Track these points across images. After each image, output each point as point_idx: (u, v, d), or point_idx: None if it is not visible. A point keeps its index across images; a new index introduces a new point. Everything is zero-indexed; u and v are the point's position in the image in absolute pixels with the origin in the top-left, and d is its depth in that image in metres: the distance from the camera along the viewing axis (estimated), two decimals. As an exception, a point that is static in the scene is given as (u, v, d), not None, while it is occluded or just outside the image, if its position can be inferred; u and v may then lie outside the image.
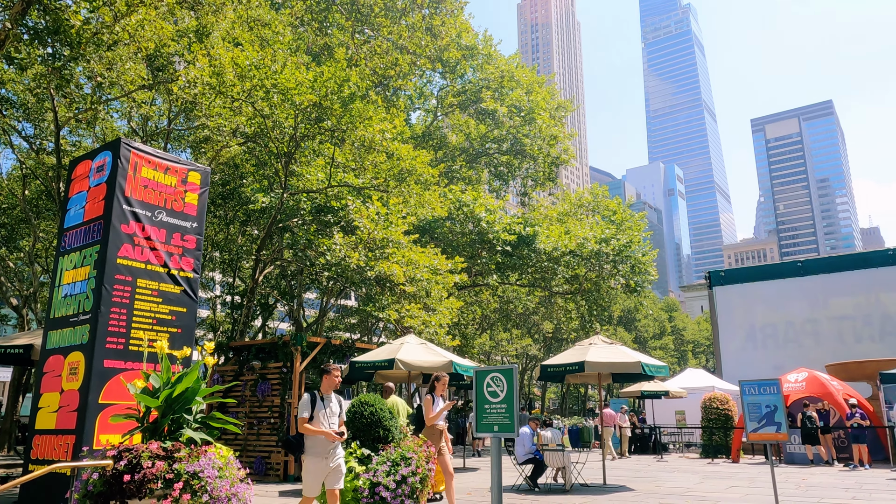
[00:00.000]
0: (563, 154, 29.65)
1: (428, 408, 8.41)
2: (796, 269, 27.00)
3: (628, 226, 27.31)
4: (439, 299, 17.34)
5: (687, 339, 74.26)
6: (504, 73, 27.75)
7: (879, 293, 24.70)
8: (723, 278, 28.06)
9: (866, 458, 16.09)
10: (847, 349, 23.77)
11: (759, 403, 6.78)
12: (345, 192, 17.21)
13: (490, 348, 43.51)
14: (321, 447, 6.16)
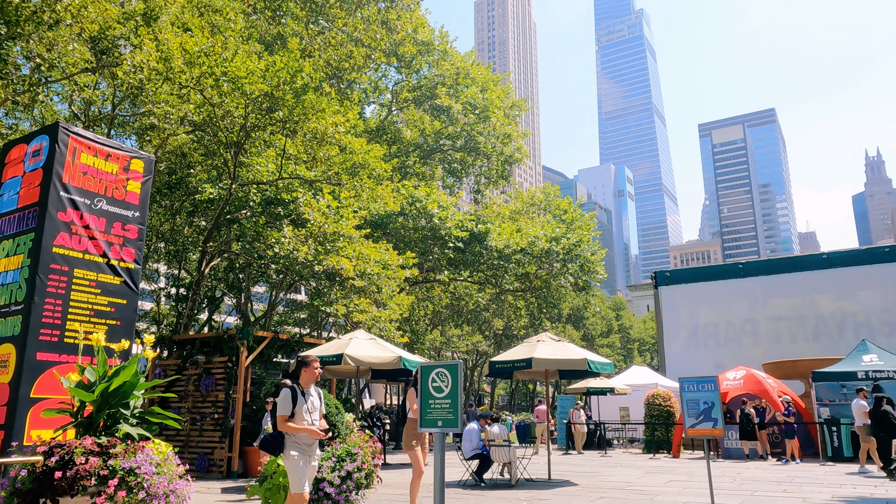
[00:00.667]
0: (517, 153, 29.92)
1: (412, 401, 8.24)
2: (737, 270, 27.91)
3: (578, 225, 27.76)
4: (390, 295, 17.28)
5: (633, 337, 75.97)
6: (460, 70, 27.81)
7: (814, 295, 25.75)
8: (668, 278, 28.80)
9: (797, 452, 16.79)
10: (783, 348, 24.72)
11: (697, 400, 6.99)
12: (296, 184, 16.96)
13: (441, 344, 43.60)
14: (304, 445, 5.75)
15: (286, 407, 5.66)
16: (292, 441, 5.69)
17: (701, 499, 9.61)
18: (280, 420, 5.65)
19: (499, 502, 9.74)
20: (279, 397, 5.71)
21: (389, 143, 27.53)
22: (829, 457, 16.70)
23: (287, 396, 5.70)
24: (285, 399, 5.68)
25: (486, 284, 27.73)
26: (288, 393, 5.72)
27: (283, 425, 5.63)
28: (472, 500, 10.03)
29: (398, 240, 22.79)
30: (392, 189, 20.52)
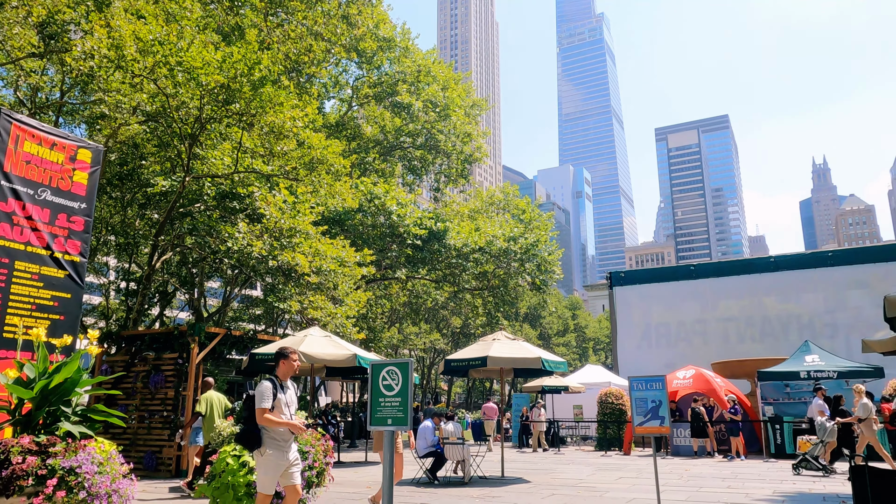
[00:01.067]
0: (477, 152, 30.03)
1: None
2: (689, 272, 28.57)
3: (536, 225, 28.05)
4: (346, 291, 17.16)
5: (588, 336, 77.14)
6: (421, 68, 27.77)
7: (762, 297, 26.53)
8: (623, 279, 29.30)
9: (742, 449, 17.30)
10: (731, 348, 25.40)
11: (645, 398, 7.14)
12: (252, 178, 16.68)
13: (398, 342, 43.50)
14: (283, 440, 5.56)
15: (267, 399, 5.44)
16: (269, 437, 5.47)
17: (649, 495, 9.82)
18: (260, 413, 5.40)
19: (451, 500, 9.77)
20: (259, 389, 5.48)
21: (349, 139, 27.32)
22: (773, 453, 17.25)
23: (268, 389, 5.49)
24: (266, 391, 5.47)
25: (444, 283, 27.79)
26: (269, 385, 5.53)
27: (263, 418, 5.40)
28: (426, 497, 10.04)
29: (356, 237, 22.65)
30: (351, 185, 20.36)
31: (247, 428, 5.51)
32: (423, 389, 53.35)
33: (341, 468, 14.70)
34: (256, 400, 5.45)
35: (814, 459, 13.13)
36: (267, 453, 5.42)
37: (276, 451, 5.48)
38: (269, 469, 5.46)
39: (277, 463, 5.47)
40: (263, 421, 5.39)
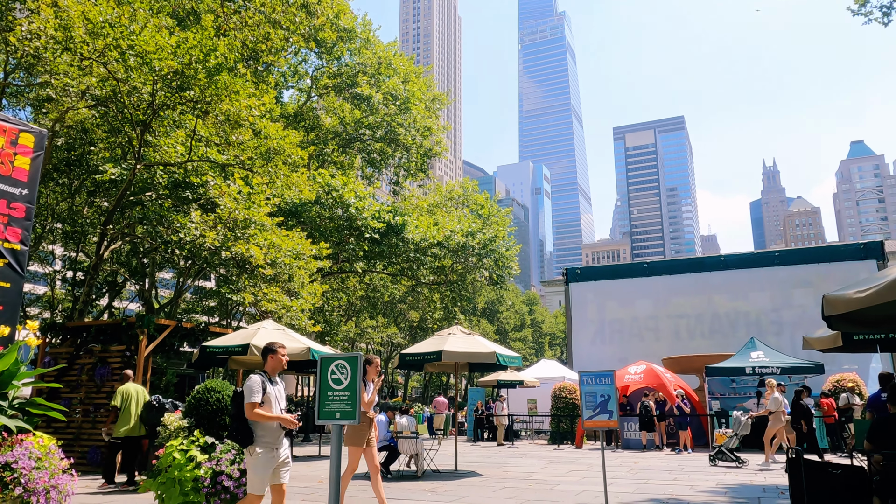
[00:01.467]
0: (437, 146, 29.99)
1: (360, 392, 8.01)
2: (643, 269, 29.13)
3: (495, 221, 28.20)
4: (302, 284, 16.96)
5: (545, 331, 78.04)
6: (382, 60, 27.57)
7: (712, 295, 27.22)
8: (578, 275, 29.70)
9: (690, 443, 17.78)
10: (682, 344, 26.01)
11: (595, 393, 7.26)
12: (206, 167, 16.32)
13: (355, 336, 43.26)
14: (273, 436, 5.42)
15: (256, 394, 5.34)
16: (259, 433, 5.36)
17: (598, 487, 10.00)
18: (250, 408, 5.29)
19: (403, 493, 9.78)
20: (248, 384, 5.39)
21: (307, 130, 26.96)
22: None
23: (257, 383, 5.39)
24: (255, 385, 5.37)
25: (401, 277, 27.73)
26: (258, 379, 5.43)
27: (252, 413, 5.30)
28: (378, 491, 10.02)
29: (313, 229, 22.40)
30: (308, 177, 20.10)
31: (238, 424, 5.40)
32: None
33: (294, 462, 14.55)
34: (245, 394, 5.35)
35: (729, 451, 13.86)
36: (256, 452, 5.31)
37: (265, 449, 5.36)
38: (258, 468, 5.34)
39: (268, 461, 5.35)
40: (253, 416, 5.29)
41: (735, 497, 9.28)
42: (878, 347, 10.81)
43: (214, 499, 6.91)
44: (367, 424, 7.49)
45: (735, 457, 13.81)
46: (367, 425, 7.52)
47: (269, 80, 21.08)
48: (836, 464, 6.33)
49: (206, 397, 7.47)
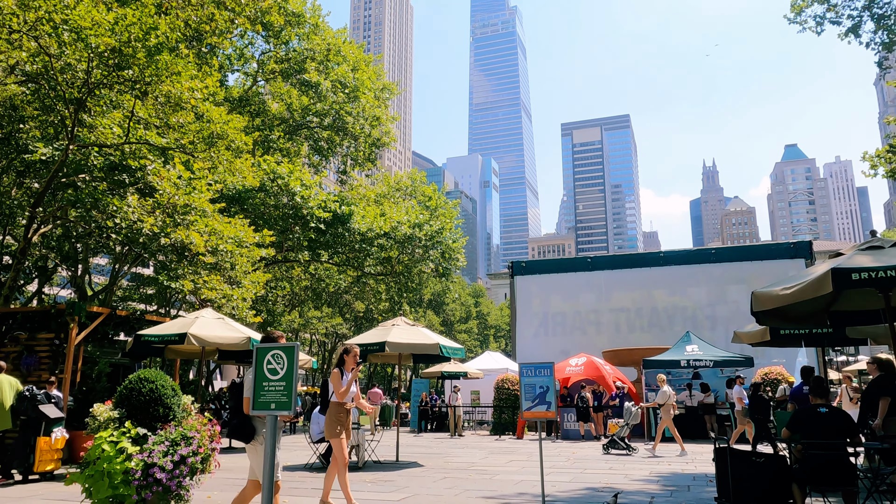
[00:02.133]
0: (385, 136, 29.78)
1: (336, 383, 7.44)
2: (586, 264, 29.71)
3: (442, 213, 28.22)
4: (244, 273, 16.62)
5: (490, 323, 78.80)
6: (331, 47, 27.14)
7: (651, 290, 27.99)
8: (524, 269, 30.06)
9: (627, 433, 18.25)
10: (622, 338, 26.67)
11: (534, 384, 7.37)
12: (145, 150, 15.76)
13: (299, 326, 42.72)
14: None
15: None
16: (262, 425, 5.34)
17: (537, 477, 10.17)
18: (248, 402, 5.26)
19: (343, 485, 9.73)
20: (248, 378, 5.29)
21: (253, 115, 26.36)
22: (653, 437, 18.30)
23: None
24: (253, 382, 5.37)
25: (347, 267, 27.48)
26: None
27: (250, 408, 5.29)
28: (317, 482, 9.95)
29: (257, 216, 21.96)
30: (253, 163, 19.66)
31: (238, 419, 5.37)
32: (324, 374, 52.78)
33: (233, 454, 14.30)
34: (246, 388, 5.29)
35: (620, 440, 14.64)
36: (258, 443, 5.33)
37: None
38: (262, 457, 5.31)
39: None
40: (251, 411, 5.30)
41: (667, 485, 9.59)
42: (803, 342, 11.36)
43: (146, 491, 6.72)
44: (344, 415, 7.42)
45: (626, 444, 14.61)
46: (345, 415, 7.44)
47: (212, 63, 20.50)
48: (760, 452, 6.61)
49: (139, 387, 7.22)
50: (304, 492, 9.03)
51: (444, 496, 8.59)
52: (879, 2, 14.31)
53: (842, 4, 14.69)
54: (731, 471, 6.33)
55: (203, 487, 8.70)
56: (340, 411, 7.37)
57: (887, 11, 14.24)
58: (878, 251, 6.68)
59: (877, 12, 14.29)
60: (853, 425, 6.40)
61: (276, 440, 5.17)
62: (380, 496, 8.68)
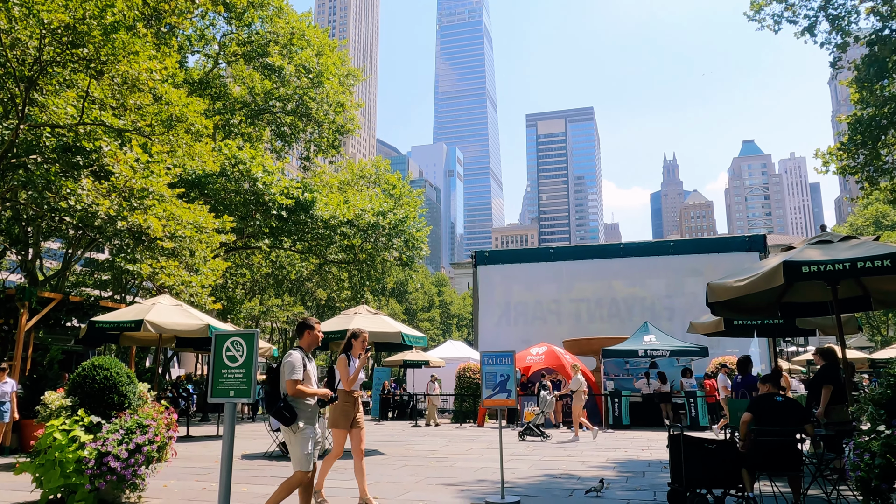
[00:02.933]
0: (349, 123, 29.50)
1: (343, 370, 6.90)
2: (548, 254, 30.01)
3: (406, 201, 28.16)
4: (203, 259, 16.33)
5: (453, 312, 79.07)
6: (295, 31, 26.69)
7: (611, 280, 28.43)
8: (487, 258, 30.21)
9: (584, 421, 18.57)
10: (582, 327, 27.05)
11: (495, 373, 7.45)
12: (100, 132, 15.31)
13: (259, 314, 42.20)
14: (312, 412, 5.45)
15: (298, 371, 5.34)
16: (300, 409, 5.33)
17: (496, 464, 10.29)
18: (292, 385, 5.26)
19: (303, 473, 9.69)
20: (288, 360, 5.37)
21: (213, 98, 25.81)
22: (611, 425, 18.68)
23: (298, 360, 5.40)
24: (297, 362, 5.37)
25: (309, 254, 27.22)
26: (298, 356, 5.44)
27: (295, 390, 5.27)
28: (276, 470, 9.90)
29: (217, 202, 21.57)
30: (213, 148, 19.26)
31: (282, 402, 5.30)
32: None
33: (190, 443, 14.11)
34: (286, 371, 5.32)
35: (536, 427, 15.18)
36: (301, 428, 5.29)
37: (309, 426, 5.36)
38: (304, 445, 5.30)
39: (311, 436, 5.37)
40: (296, 392, 5.27)
41: (622, 471, 9.81)
42: (755, 333, 11.70)
43: (99, 480, 6.60)
44: (351, 404, 6.96)
45: (541, 432, 15.18)
46: (352, 405, 6.98)
47: (172, 44, 20.01)
48: (712, 439, 6.81)
49: (93, 374, 7.08)
50: (263, 480, 8.97)
51: (404, 483, 8.64)
52: (835, 2, 14.71)
53: (799, 4, 15.05)
54: (684, 457, 6.50)
55: (159, 476, 8.57)
56: (348, 400, 6.91)
57: (842, 12, 14.65)
58: (827, 245, 6.91)
59: (832, 13, 14.68)
60: (806, 414, 6.64)
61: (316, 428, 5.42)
62: (340, 483, 8.68)
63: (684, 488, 6.57)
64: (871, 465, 4.91)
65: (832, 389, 7.90)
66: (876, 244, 6.72)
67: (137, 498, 7.29)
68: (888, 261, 6.04)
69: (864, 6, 14.52)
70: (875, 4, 14.27)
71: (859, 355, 30.60)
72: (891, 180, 15.19)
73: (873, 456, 4.93)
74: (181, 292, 15.93)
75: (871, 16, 14.45)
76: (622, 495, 7.66)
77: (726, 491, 6.63)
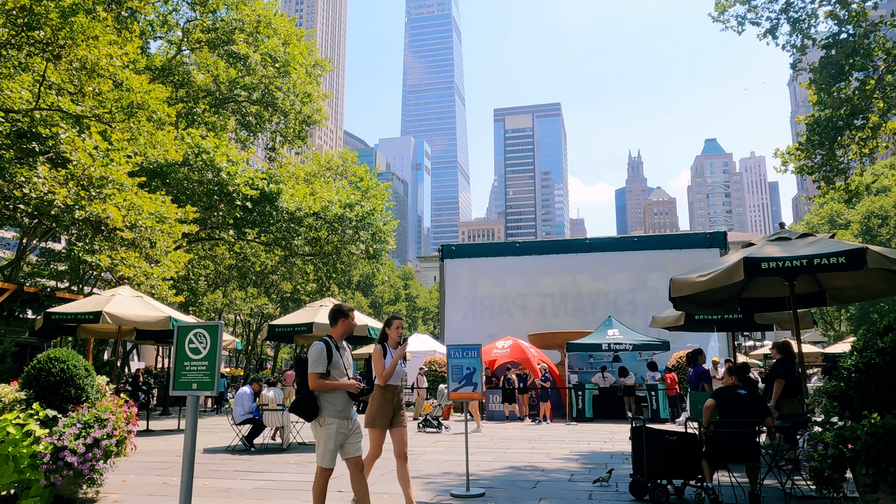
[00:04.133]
0: (316, 114, 29.18)
1: (377, 363, 6.03)
2: (515, 249, 30.15)
3: (373, 194, 27.97)
4: (165, 250, 16.00)
5: (419, 306, 79.09)
6: (261, 19, 26.26)
7: (576, 275, 28.71)
8: (454, 252, 30.22)
9: (549, 414, 18.80)
10: (547, 321, 27.27)
11: (461, 366, 7.47)
12: (57, 118, 14.87)
13: (222, 306, 41.59)
14: (342, 405, 5.05)
15: (321, 363, 4.97)
16: (327, 403, 4.98)
17: (462, 457, 10.34)
18: (313, 378, 4.94)
19: (267, 466, 9.60)
20: (312, 352, 5.01)
21: (176, 86, 25.26)
22: (574, 417, 18.92)
23: (322, 351, 5.02)
24: (320, 354, 5.00)
25: (274, 246, 26.89)
26: (322, 346, 5.04)
27: (315, 383, 4.93)
28: (240, 465, 9.78)
29: (180, 192, 21.16)
30: (176, 136, 18.88)
31: (303, 395, 4.99)
32: (248, 355, 51.69)
33: (150, 437, 13.85)
34: (310, 364, 5.00)
35: (433, 419, 15.76)
36: (327, 422, 4.96)
37: (337, 420, 5.00)
38: (329, 440, 4.96)
39: (338, 432, 4.99)
40: (316, 386, 4.94)
41: (586, 463, 9.94)
42: (716, 327, 11.95)
43: (55, 476, 6.43)
44: (388, 401, 6.01)
45: (438, 423, 15.79)
46: (390, 402, 6.02)
47: (133, 28, 19.46)
48: (673, 431, 6.94)
49: (49, 367, 6.88)
50: (225, 474, 8.85)
51: (369, 476, 8.60)
52: (795, 5, 15.05)
53: (762, 6, 15.35)
54: (645, 448, 6.62)
55: (118, 471, 8.40)
56: (386, 397, 6.01)
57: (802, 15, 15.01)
58: (785, 242, 7.09)
59: (793, 15, 15.03)
60: (766, 407, 6.82)
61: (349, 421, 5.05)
62: (305, 477, 8.62)
63: (646, 479, 6.69)
64: (824, 455, 5.07)
65: (784, 383, 8.12)
66: (831, 241, 6.92)
67: (95, 493, 7.13)
68: (843, 258, 6.23)
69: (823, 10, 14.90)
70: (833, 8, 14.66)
71: (813, 350, 31.56)
72: (845, 180, 15.64)
73: (826, 446, 5.09)
74: (141, 284, 15.60)
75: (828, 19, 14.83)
76: (584, 486, 7.77)
77: (686, 481, 6.78)
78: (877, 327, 5.41)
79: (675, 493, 6.88)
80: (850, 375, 5.34)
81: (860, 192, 15.98)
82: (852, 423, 4.99)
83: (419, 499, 7.06)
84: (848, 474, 5.16)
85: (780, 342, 8.85)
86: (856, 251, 6.19)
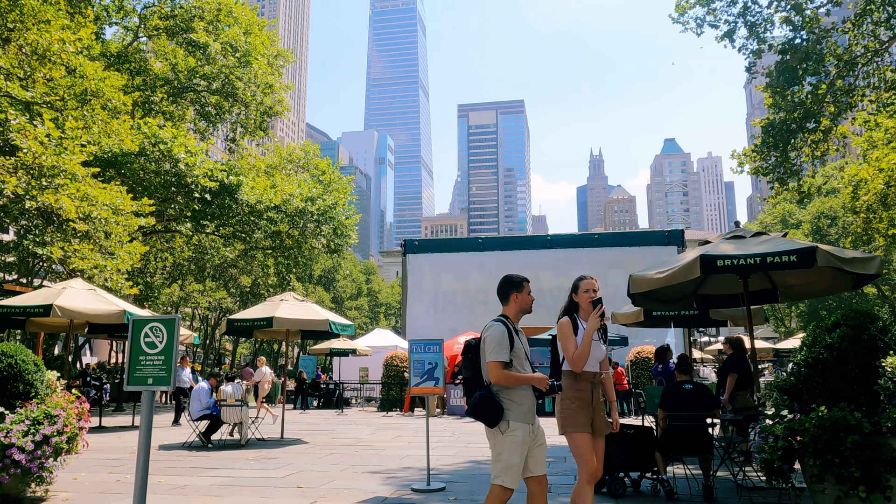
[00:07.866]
0: (278, 105, 28.76)
1: (566, 339, 4.36)
2: (477, 244, 30.28)
3: (336, 188, 27.73)
4: (119, 242, 15.58)
5: (381, 301, 78.76)
6: (222, 6, 25.71)
7: (538, 271, 28.92)
8: (416, 247, 30.17)
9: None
10: (509, 317, 27.47)
11: (423, 361, 7.47)
12: (5, 104, 14.33)
13: (179, 299, 40.75)
14: (529, 406, 3.81)
15: (503, 349, 3.75)
16: (510, 402, 3.73)
17: (422, 451, 10.35)
18: (496, 368, 3.71)
19: (225, 462, 9.46)
20: (490, 335, 3.81)
21: (133, 74, 24.59)
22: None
23: (503, 334, 3.80)
24: (502, 338, 3.78)
25: (234, 239, 26.44)
26: (503, 329, 3.84)
27: (500, 375, 3.72)
28: (196, 461, 9.61)
29: (136, 183, 20.62)
30: (132, 126, 18.40)
31: (481, 393, 3.74)
32: (206, 350, 50.80)
33: (103, 433, 13.51)
34: (488, 350, 3.77)
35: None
36: (511, 428, 3.71)
37: (522, 426, 3.75)
38: (514, 451, 3.70)
39: (523, 441, 3.75)
40: (502, 379, 3.74)
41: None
42: (672, 323, 12.19)
43: (2, 474, 6.22)
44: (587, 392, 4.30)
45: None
46: (588, 393, 4.30)
47: (87, 13, 18.90)
48: (630, 424, 7.08)
49: (-4, 362, 6.65)
50: (181, 471, 8.69)
51: (329, 472, 8.56)
52: (752, 10, 15.42)
53: (721, 9, 15.67)
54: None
55: (69, 469, 8.17)
56: (581, 387, 4.31)
57: (759, 20, 15.38)
58: (740, 240, 7.27)
59: (750, 20, 15.38)
60: (714, 400, 7.00)
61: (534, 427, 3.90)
62: (263, 473, 8.52)
63: (604, 472, 6.80)
64: (774, 447, 5.23)
65: (737, 377, 8.37)
66: (784, 240, 7.13)
67: (45, 492, 6.92)
68: (794, 256, 6.41)
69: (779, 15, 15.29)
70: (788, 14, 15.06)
71: (765, 345, 32.49)
72: (798, 182, 16.11)
73: (776, 439, 5.25)
74: (95, 276, 15.18)
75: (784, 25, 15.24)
76: (544, 480, 7.85)
77: (642, 474, 6.92)
78: (825, 324, 5.60)
79: (632, 485, 7.01)
80: (800, 370, 5.52)
81: (811, 193, 16.49)
82: (801, 416, 5.16)
83: (379, 493, 7.04)
84: (797, 465, 5.33)
85: (733, 337, 9.09)
86: (806, 250, 6.38)
